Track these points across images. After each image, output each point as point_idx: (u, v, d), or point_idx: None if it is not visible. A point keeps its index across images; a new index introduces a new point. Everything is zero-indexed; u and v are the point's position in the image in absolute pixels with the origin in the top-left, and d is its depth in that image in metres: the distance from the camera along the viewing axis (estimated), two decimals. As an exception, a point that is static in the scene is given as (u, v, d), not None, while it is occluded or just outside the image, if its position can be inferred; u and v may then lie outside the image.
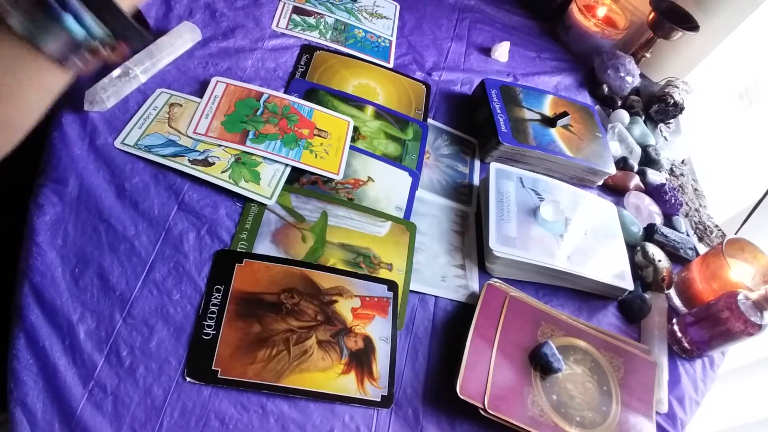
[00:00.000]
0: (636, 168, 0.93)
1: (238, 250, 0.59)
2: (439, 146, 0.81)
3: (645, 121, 1.03)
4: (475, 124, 0.86)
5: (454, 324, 0.63)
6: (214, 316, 0.54)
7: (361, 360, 0.56)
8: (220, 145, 0.65)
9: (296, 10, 0.89)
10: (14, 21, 0.34)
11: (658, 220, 0.87)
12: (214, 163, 0.64)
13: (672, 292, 0.79)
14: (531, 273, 0.70)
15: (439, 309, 0.64)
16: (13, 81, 0.37)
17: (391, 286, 0.62)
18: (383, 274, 0.63)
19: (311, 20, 0.89)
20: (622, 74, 1.03)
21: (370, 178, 0.71)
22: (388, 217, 0.68)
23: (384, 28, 0.95)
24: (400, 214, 0.69)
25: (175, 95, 0.69)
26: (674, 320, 0.75)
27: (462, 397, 0.55)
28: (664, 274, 0.77)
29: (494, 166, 0.76)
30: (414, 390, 0.57)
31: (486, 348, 0.60)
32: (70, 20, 0.36)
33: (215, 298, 0.55)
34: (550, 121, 0.85)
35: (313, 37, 0.86)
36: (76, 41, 0.37)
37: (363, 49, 0.88)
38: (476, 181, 0.80)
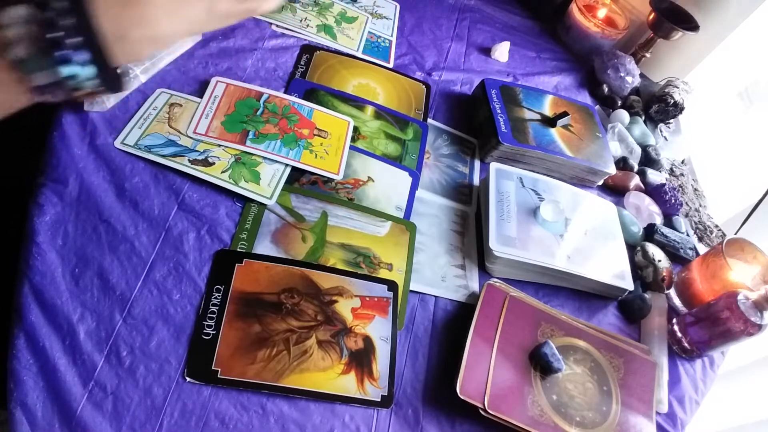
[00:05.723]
0: (636, 168, 0.93)
1: (238, 250, 0.59)
2: (439, 146, 0.81)
3: (645, 121, 1.03)
4: (475, 124, 0.86)
5: (454, 324, 0.63)
6: (214, 316, 0.54)
7: (361, 360, 0.56)
8: (220, 145, 0.65)
9: (296, 10, 0.89)
10: (19, 50, 0.35)
11: (658, 220, 0.87)
12: (214, 163, 0.64)
13: (672, 292, 0.79)
14: (531, 273, 0.70)
15: (439, 309, 0.64)
16: None
17: (391, 286, 0.62)
18: (383, 274, 0.63)
19: (311, 20, 0.89)
20: (622, 74, 1.03)
21: (370, 178, 0.71)
22: (388, 217, 0.68)
23: (384, 28, 0.95)
24: (400, 214, 0.69)
25: (175, 95, 0.69)
26: (674, 320, 0.75)
27: (462, 397, 0.55)
28: (664, 274, 0.77)
29: (494, 166, 0.76)
30: (414, 390, 0.57)
31: (486, 348, 0.60)
32: (70, 68, 0.37)
33: (215, 298, 0.55)
34: (550, 121, 0.85)
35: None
36: (64, 84, 0.38)
37: (363, 50, 0.88)
38: (476, 181, 0.80)
